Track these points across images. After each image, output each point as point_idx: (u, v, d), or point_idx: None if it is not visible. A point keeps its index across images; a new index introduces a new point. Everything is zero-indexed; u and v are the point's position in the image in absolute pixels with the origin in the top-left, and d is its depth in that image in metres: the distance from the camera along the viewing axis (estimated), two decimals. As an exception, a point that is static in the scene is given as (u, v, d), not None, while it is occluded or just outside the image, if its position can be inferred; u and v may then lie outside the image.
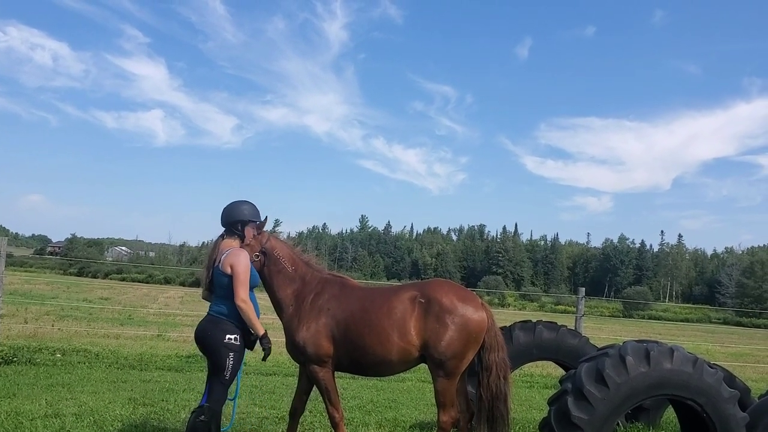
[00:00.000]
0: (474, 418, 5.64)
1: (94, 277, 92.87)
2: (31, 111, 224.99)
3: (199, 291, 5.71)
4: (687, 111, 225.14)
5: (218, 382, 5.04)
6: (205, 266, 5.23)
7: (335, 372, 5.62)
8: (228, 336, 5.04)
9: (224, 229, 5.40)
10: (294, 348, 5.51)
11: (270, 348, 5.26)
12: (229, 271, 5.06)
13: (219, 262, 5.12)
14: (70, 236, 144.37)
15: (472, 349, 5.42)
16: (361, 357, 5.43)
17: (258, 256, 5.50)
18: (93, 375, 10.25)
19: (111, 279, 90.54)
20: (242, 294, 5.06)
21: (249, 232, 5.38)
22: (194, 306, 34.04)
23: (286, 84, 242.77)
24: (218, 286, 5.13)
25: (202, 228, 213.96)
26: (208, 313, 5.19)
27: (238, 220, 5.33)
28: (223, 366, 5.01)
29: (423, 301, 5.42)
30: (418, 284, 5.77)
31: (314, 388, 5.70)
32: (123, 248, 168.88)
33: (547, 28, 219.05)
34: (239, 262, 5.09)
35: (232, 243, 5.27)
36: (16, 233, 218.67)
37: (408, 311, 5.40)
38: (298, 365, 5.83)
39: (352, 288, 5.74)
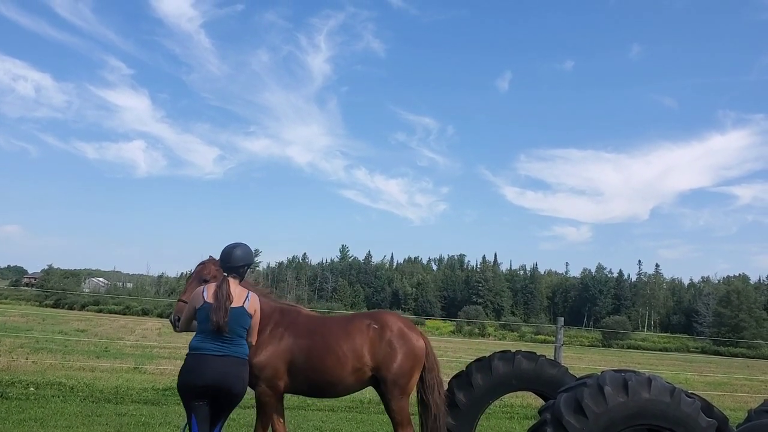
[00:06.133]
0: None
1: (71, 309, 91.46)
2: (11, 141, 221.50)
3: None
4: (663, 143, 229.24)
5: (226, 417, 5.33)
6: (219, 307, 5.21)
7: (296, 395, 6.19)
8: (247, 375, 5.39)
9: (228, 270, 5.50)
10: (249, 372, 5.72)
11: None
12: (253, 313, 5.44)
13: (242, 304, 5.34)
14: (46, 267, 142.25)
15: (417, 370, 6.23)
16: (320, 379, 6.02)
17: None
18: (67, 409, 10.06)
19: (88, 310, 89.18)
20: (255, 338, 5.66)
21: (245, 272, 5.67)
22: (171, 338, 33.61)
23: (269, 116, 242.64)
24: (241, 327, 5.32)
25: (180, 259, 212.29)
26: (225, 355, 5.19)
27: (246, 264, 5.59)
28: (237, 403, 5.30)
29: (377, 327, 6.17)
30: (369, 314, 6.58)
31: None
32: (100, 279, 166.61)
33: (527, 61, 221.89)
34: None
35: (236, 284, 5.46)
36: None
37: (364, 336, 6.10)
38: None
39: (307, 317, 6.36)
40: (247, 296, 5.42)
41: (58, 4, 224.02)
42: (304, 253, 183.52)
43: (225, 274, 5.49)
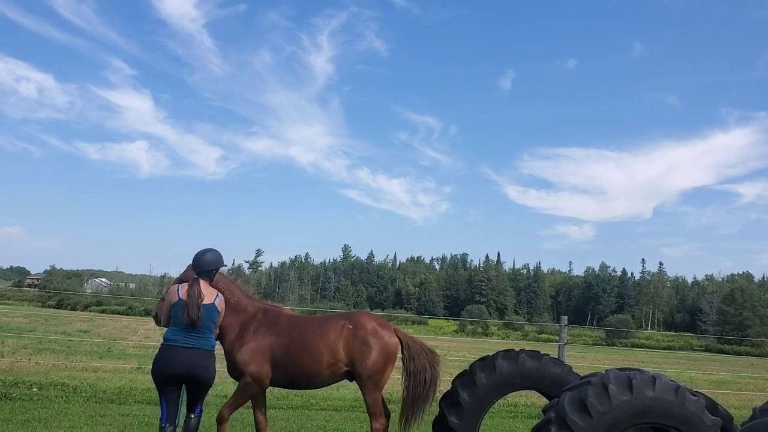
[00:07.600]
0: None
1: (73, 309, 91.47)
2: (13, 142, 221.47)
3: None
4: (666, 141, 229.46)
5: (202, 399, 6.15)
6: (192, 303, 5.91)
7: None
8: (213, 365, 6.09)
9: (199, 273, 6.20)
10: (235, 367, 6.56)
11: None
12: (221, 310, 6.21)
13: (213, 301, 6.06)
14: (49, 268, 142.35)
15: (390, 365, 6.77)
16: (299, 373, 6.60)
17: None
18: (70, 410, 10.07)
19: (90, 311, 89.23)
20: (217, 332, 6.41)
21: (214, 275, 6.36)
22: (175, 338, 33.60)
23: (271, 116, 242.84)
24: (211, 321, 6.03)
25: (183, 259, 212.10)
26: (194, 347, 5.92)
27: (215, 267, 6.28)
28: (209, 388, 6.11)
29: (351, 327, 6.70)
30: (345, 314, 7.16)
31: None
32: (103, 280, 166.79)
33: (530, 60, 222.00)
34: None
35: (206, 284, 6.17)
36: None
37: (339, 335, 6.64)
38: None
39: (287, 316, 6.89)
40: (216, 295, 6.15)
41: (61, 5, 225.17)
42: (307, 253, 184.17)
43: (195, 276, 6.16)
